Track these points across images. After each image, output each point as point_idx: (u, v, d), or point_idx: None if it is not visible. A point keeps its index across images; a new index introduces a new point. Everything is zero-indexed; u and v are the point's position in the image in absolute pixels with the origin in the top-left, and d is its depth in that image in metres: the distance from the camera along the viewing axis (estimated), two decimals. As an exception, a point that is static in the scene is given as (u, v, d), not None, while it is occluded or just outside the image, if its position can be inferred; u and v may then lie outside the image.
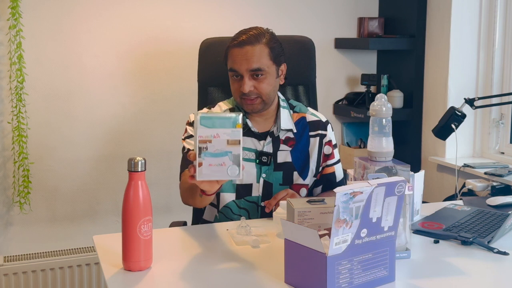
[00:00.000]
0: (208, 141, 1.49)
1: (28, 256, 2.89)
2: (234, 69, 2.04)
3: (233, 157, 1.50)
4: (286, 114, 2.14)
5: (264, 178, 2.09)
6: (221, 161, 1.50)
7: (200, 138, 1.49)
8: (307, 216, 1.64)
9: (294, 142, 2.13)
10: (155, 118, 3.13)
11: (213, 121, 1.49)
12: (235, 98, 2.10)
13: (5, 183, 2.93)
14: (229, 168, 1.50)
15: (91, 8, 2.97)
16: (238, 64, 2.02)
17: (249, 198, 2.10)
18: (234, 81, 2.07)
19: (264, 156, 2.08)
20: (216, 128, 1.49)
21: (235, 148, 1.50)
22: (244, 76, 2.02)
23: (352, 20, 3.45)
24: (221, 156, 1.50)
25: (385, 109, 1.67)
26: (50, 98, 2.95)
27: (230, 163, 1.50)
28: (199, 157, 1.49)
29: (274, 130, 2.12)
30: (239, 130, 1.50)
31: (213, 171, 1.50)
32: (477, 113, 3.11)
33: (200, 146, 1.49)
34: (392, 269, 1.46)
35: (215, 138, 1.49)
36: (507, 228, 1.79)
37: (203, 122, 1.49)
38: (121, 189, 1.52)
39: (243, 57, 2.02)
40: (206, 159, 1.49)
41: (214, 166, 1.49)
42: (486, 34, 3.08)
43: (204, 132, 1.49)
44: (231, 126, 1.50)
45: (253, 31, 2.06)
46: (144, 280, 1.49)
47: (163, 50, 3.10)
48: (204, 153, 1.49)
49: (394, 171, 1.64)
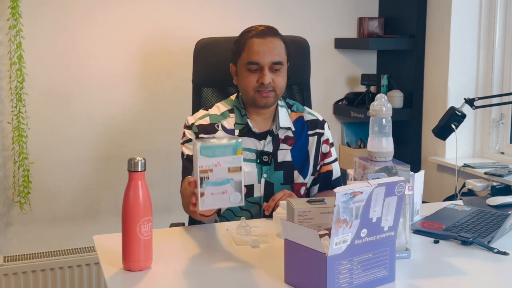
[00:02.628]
0: (209, 170, 1.48)
1: (28, 256, 2.89)
2: (255, 61, 2.01)
3: (235, 184, 1.50)
4: (284, 113, 2.14)
5: (265, 178, 2.09)
6: (223, 189, 1.49)
7: (201, 168, 1.47)
8: (307, 216, 1.64)
9: (294, 141, 2.13)
10: (155, 118, 3.13)
11: (214, 150, 1.47)
12: (247, 92, 2.06)
13: (5, 183, 2.93)
14: (231, 195, 1.50)
15: (91, 9, 2.97)
16: (261, 55, 2.01)
17: (251, 199, 2.09)
18: (249, 74, 2.04)
19: (265, 156, 2.08)
20: (216, 157, 1.48)
21: (236, 175, 1.50)
22: (264, 67, 2.02)
23: (352, 20, 3.45)
24: (223, 184, 1.49)
25: (385, 109, 1.67)
26: (50, 98, 2.95)
27: (232, 190, 1.50)
28: (201, 187, 1.48)
29: (273, 128, 2.12)
30: (240, 157, 1.49)
31: (216, 200, 1.49)
32: (477, 113, 3.11)
33: (202, 176, 1.47)
34: (392, 269, 1.46)
35: (216, 167, 1.48)
36: (507, 228, 1.79)
37: (204, 152, 1.47)
38: (121, 189, 1.52)
39: (267, 48, 2.02)
40: (208, 188, 1.48)
41: (216, 194, 1.49)
42: (486, 34, 3.08)
43: (205, 162, 1.47)
44: (232, 153, 1.49)
45: (266, 26, 2.08)
46: (144, 280, 1.48)
47: (163, 50, 3.10)
48: (205, 182, 1.48)
49: (394, 171, 1.64)
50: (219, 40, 2.40)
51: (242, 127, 2.09)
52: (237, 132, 2.09)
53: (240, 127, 2.10)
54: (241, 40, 2.07)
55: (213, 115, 2.13)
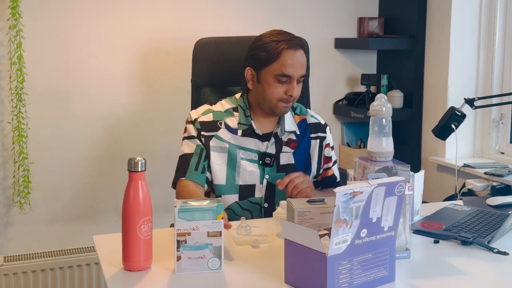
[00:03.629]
0: (187, 234, 1.47)
1: (28, 256, 2.89)
2: (287, 74, 2.00)
3: (214, 249, 1.49)
4: (289, 116, 2.15)
5: (268, 179, 2.09)
6: (201, 254, 1.48)
7: (178, 231, 1.46)
8: (307, 216, 1.64)
9: (296, 144, 2.13)
10: (155, 118, 3.13)
11: (192, 214, 1.46)
12: (270, 101, 2.04)
13: (5, 183, 2.93)
14: (209, 260, 1.49)
15: (91, 9, 2.97)
16: (294, 68, 2.00)
17: (252, 199, 2.09)
18: (278, 84, 2.02)
19: (267, 157, 2.08)
20: (195, 220, 1.46)
21: (216, 240, 1.48)
22: (293, 80, 2.02)
23: (352, 20, 3.45)
24: (201, 249, 1.48)
25: (385, 109, 1.67)
26: (50, 98, 2.95)
27: (210, 255, 1.49)
28: (177, 251, 1.47)
29: (278, 132, 2.11)
30: (220, 222, 1.48)
31: (193, 265, 1.48)
32: (477, 113, 3.10)
33: (179, 240, 1.47)
34: (392, 269, 1.46)
35: (195, 231, 1.47)
36: (507, 228, 1.79)
37: (181, 216, 1.46)
38: (121, 189, 1.52)
39: (298, 61, 2.02)
40: (185, 252, 1.47)
41: (193, 259, 1.48)
42: (486, 34, 3.08)
43: (183, 225, 1.46)
44: (212, 218, 1.47)
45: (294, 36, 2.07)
46: (144, 280, 1.48)
47: (163, 50, 3.10)
48: (182, 246, 1.47)
49: (394, 171, 1.64)
50: (219, 40, 2.40)
51: (245, 128, 2.09)
52: (240, 132, 2.09)
53: (244, 128, 2.09)
54: (271, 49, 2.01)
55: (216, 112, 2.12)
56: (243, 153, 2.08)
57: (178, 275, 1.50)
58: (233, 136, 2.09)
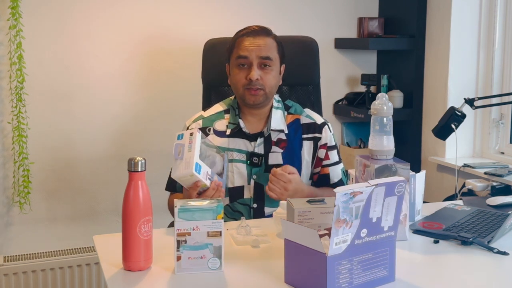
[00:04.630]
0: (187, 233, 1.47)
1: (28, 256, 2.89)
2: (243, 55, 2.04)
3: (214, 249, 1.49)
4: (279, 115, 2.13)
5: (255, 179, 2.08)
6: (201, 254, 1.48)
7: (178, 231, 1.46)
8: (307, 216, 1.64)
9: (286, 144, 2.11)
10: (155, 118, 3.13)
11: (192, 214, 1.47)
12: (238, 90, 2.07)
13: (5, 183, 2.93)
14: (209, 260, 1.49)
15: (92, 8, 2.97)
16: (249, 51, 2.03)
17: (241, 200, 2.09)
18: (239, 71, 2.05)
19: (255, 157, 2.07)
20: (195, 220, 1.47)
21: (216, 240, 1.48)
22: (253, 63, 2.03)
23: (352, 20, 3.45)
24: (201, 249, 1.48)
25: (386, 108, 1.69)
26: (50, 98, 2.95)
27: (210, 255, 1.49)
28: (177, 251, 1.47)
29: (265, 131, 2.11)
30: (220, 222, 1.48)
31: (193, 264, 1.48)
32: (477, 113, 3.11)
33: (179, 240, 1.47)
34: (392, 269, 1.46)
35: (195, 231, 1.47)
36: (507, 228, 1.79)
37: (181, 216, 1.46)
38: (121, 189, 1.51)
39: (255, 45, 2.04)
40: (185, 252, 1.48)
41: (193, 259, 1.48)
42: (486, 34, 3.08)
43: (183, 225, 1.46)
44: (212, 218, 1.47)
45: (259, 26, 2.09)
46: (144, 280, 1.48)
47: (164, 51, 3.10)
48: (182, 246, 1.47)
49: (394, 169, 1.65)
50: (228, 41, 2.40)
51: (233, 127, 2.10)
52: (228, 132, 2.09)
53: (232, 127, 2.10)
54: (233, 38, 2.10)
55: (206, 118, 2.14)
56: (231, 155, 2.08)
57: (178, 275, 1.50)
58: (221, 139, 2.09)
